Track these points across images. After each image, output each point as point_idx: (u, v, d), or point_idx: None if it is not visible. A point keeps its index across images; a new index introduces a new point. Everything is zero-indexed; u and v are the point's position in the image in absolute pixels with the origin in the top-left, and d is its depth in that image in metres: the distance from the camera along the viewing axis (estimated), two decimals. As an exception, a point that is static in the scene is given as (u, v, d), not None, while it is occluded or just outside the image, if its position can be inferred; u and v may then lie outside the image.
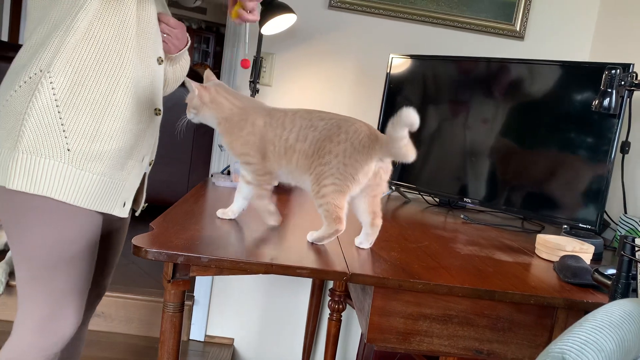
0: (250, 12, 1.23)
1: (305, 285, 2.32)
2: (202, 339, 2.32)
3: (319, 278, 0.99)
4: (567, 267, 1.15)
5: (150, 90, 1.22)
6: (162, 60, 1.26)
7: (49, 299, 1.16)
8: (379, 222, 1.15)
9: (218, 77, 3.21)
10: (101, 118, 1.11)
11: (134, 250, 0.96)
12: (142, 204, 1.36)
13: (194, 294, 2.28)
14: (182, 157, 3.42)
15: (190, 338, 2.31)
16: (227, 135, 1.21)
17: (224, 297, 2.32)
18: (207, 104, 1.21)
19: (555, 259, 1.29)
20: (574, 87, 1.57)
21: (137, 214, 1.39)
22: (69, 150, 1.08)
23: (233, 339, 2.34)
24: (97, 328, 2.28)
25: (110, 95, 1.12)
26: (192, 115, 1.23)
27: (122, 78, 1.13)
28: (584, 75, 1.55)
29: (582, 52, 2.22)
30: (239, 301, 2.32)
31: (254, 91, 2.03)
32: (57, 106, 1.07)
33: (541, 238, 1.36)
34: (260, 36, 2.00)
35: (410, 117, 0.98)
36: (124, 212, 1.22)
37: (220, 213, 1.28)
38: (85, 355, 2.08)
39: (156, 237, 1.03)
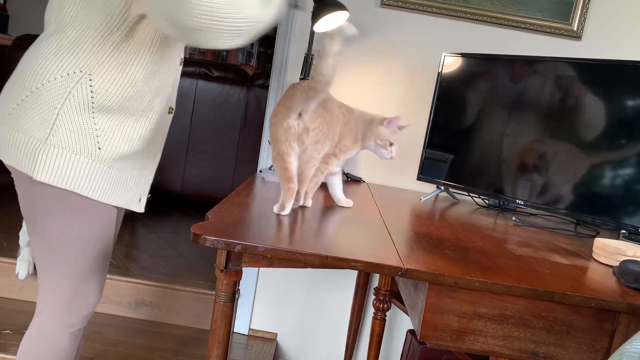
0: None
1: (349, 284, 2.32)
2: (246, 332, 2.34)
3: (372, 272, 0.99)
4: (629, 271, 1.11)
5: (170, 92, 1.27)
6: (182, 62, 1.30)
7: (74, 281, 1.22)
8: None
9: (268, 76, 3.24)
10: (130, 121, 1.17)
11: (193, 238, 0.98)
12: (147, 195, 1.40)
13: (239, 287, 2.30)
14: (228, 154, 3.48)
15: (235, 331, 2.34)
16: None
17: (269, 291, 2.34)
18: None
19: (615, 263, 1.24)
20: (635, 87, 1.51)
21: (141, 203, 1.41)
22: (99, 148, 1.13)
23: (276, 334, 2.36)
24: (146, 317, 2.33)
25: (141, 100, 1.17)
26: (388, 151, 1.43)
27: (152, 86, 1.18)
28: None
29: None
30: (283, 297, 2.34)
31: (304, 88, 2.04)
32: (92, 108, 1.11)
33: (599, 242, 1.31)
34: (312, 33, 2.00)
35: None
36: (140, 207, 1.28)
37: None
38: (133, 343, 2.13)
39: (213, 225, 1.05)
